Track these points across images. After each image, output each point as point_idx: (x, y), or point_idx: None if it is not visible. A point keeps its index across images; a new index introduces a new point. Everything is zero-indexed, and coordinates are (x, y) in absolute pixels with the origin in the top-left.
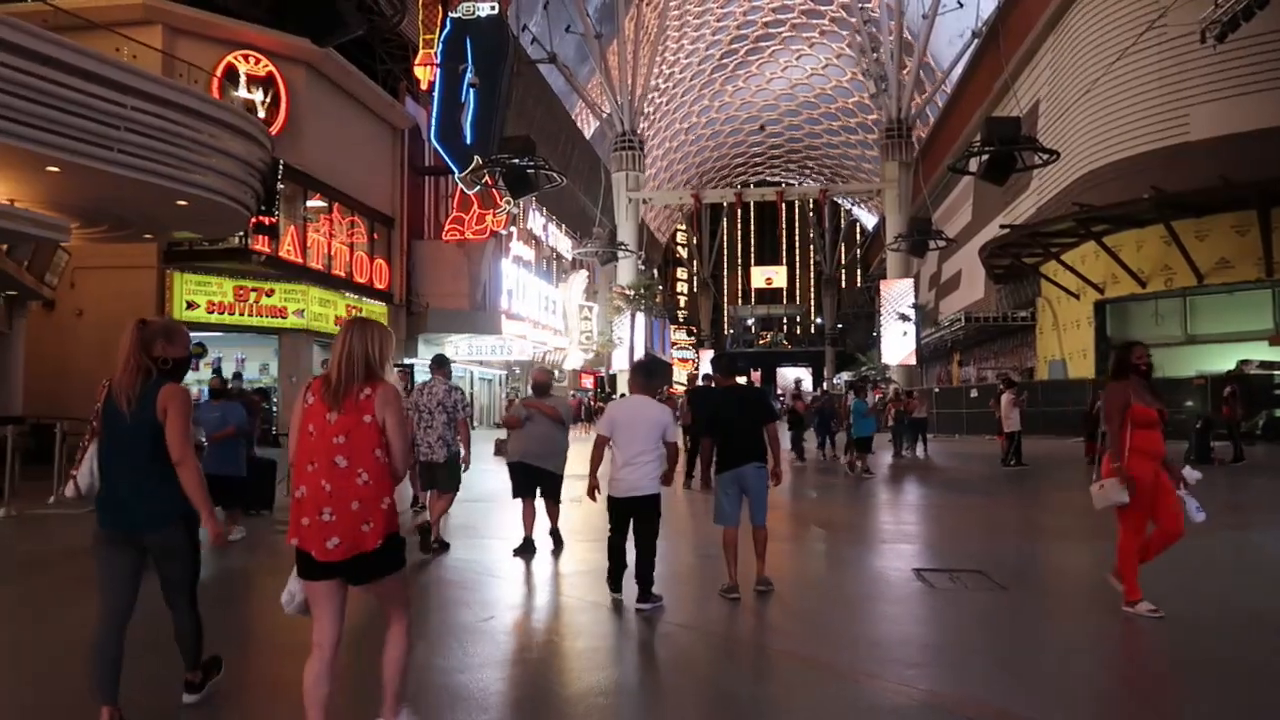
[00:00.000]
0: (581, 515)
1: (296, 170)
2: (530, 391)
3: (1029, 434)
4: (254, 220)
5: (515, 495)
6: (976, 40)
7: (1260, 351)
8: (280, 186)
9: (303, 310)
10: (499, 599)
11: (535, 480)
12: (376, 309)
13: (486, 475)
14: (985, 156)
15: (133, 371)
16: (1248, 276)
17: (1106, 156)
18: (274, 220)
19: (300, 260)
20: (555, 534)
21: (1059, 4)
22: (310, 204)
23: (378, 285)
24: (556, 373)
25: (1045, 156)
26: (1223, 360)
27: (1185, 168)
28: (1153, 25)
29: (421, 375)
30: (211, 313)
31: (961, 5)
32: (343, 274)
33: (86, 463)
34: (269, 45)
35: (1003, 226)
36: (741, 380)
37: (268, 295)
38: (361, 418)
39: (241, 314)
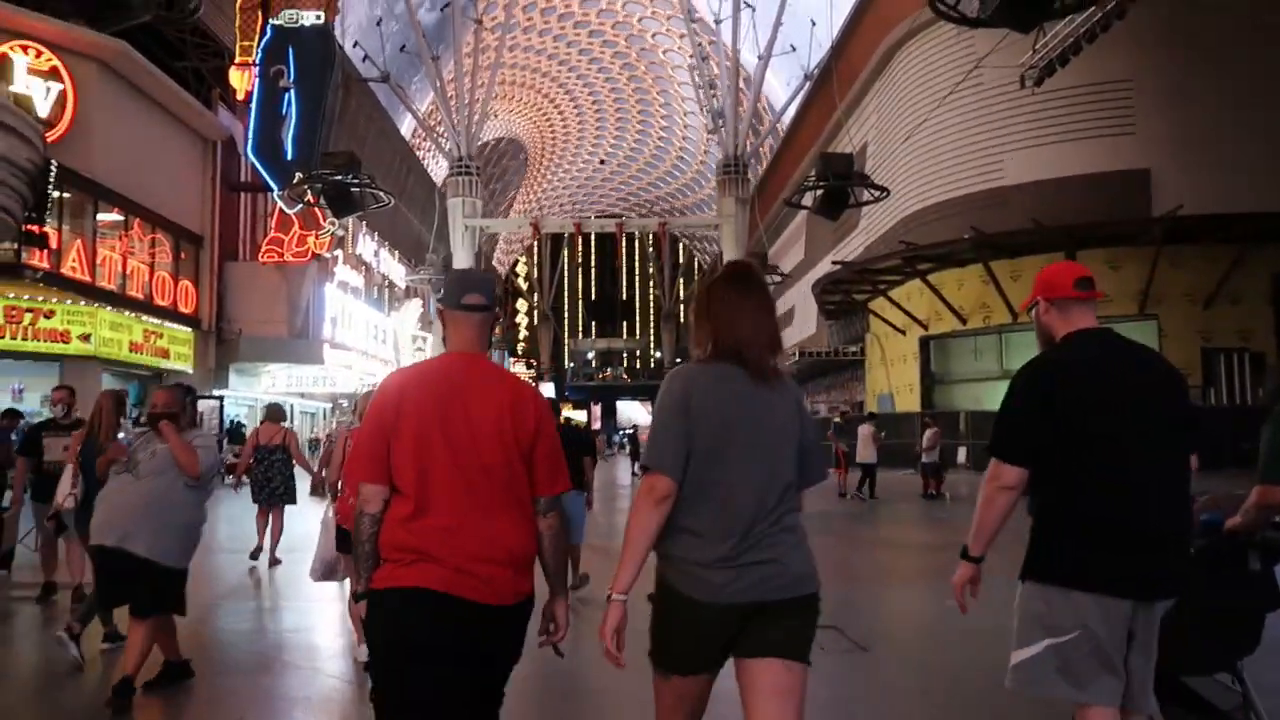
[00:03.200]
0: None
1: (84, 178)
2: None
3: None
4: (25, 229)
5: (102, 604)
6: (809, 83)
7: None
8: (60, 194)
9: (90, 335)
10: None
11: (121, 578)
12: (181, 334)
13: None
14: (820, 191)
15: (110, 426)
16: None
17: (930, 198)
18: (44, 230)
19: (88, 279)
20: (124, 686)
21: (884, 52)
22: (103, 217)
23: (183, 309)
24: None
25: (876, 193)
26: None
27: (1001, 211)
28: (969, 74)
29: (231, 409)
30: None
31: (794, 49)
32: (140, 295)
33: (79, 482)
34: (54, 37)
35: (835, 263)
36: (580, 415)
37: (46, 317)
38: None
39: (14, 338)
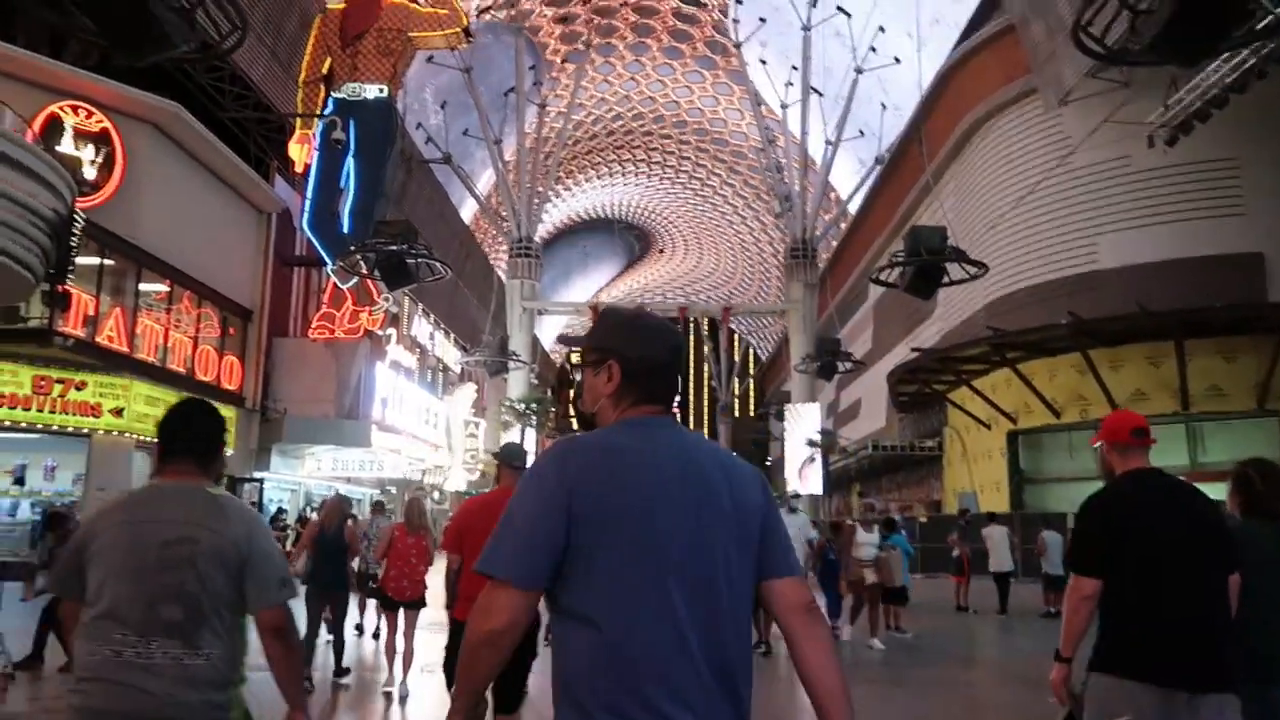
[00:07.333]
0: None
1: (128, 244)
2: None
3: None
4: (61, 289)
5: None
6: (879, 167)
7: None
8: (102, 260)
9: (122, 409)
10: None
11: None
12: (224, 413)
13: None
14: (910, 268)
15: (336, 518)
16: (1164, 410)
17: (1017, 282)
18: (65, 289)
19: (125, 349)
20: None
21: (963, 132)
22: (149, 287)
23: (226, 385)
24: (437, 494)
25: (973, 270)
26: None
27: (1095, 296)
28: (1063, 160)
29: (272, 493)
30: (1, 407)
31: (863, 134)
32: (181, 369)
33: (308, 561)
34: (106, 98)
35: (913, 350)
36: None
37: (78, 389)
38: (420, 541)
39: (41, 410)
